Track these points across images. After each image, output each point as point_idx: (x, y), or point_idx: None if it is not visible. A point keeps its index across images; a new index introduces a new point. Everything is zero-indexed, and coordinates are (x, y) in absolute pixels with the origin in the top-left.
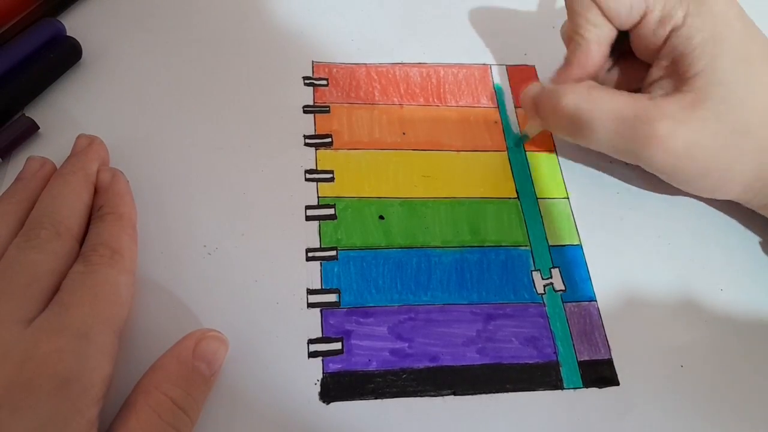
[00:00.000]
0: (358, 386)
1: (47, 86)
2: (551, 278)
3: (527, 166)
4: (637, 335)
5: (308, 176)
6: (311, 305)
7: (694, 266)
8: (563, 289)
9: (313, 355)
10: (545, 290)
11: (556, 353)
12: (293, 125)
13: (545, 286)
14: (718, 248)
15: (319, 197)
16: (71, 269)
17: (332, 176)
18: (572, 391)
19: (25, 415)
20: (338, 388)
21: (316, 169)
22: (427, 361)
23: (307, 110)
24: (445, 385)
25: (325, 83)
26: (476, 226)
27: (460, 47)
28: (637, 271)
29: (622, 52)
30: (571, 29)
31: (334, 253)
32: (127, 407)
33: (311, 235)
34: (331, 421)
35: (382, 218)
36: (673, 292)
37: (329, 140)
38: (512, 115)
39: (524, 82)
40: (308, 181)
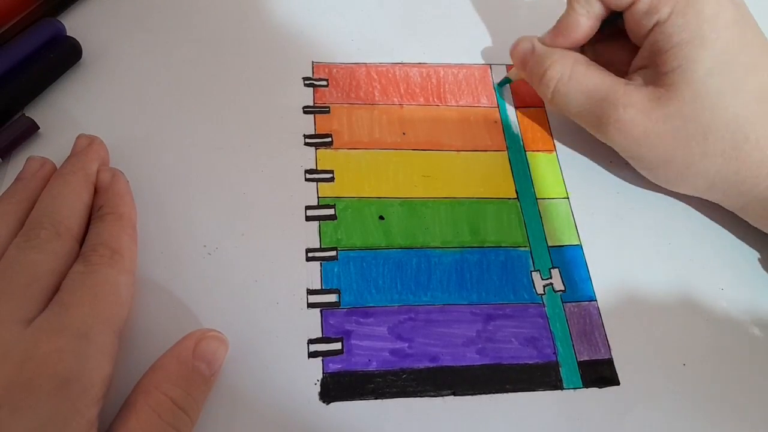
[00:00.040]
0: (358, 386)
1: (47, 86)
2: (551, 278)
3: (527, 166)
4: (637, 335)
5: (308, 176)
6: (311, 305)
7: (694, 266)
8: (563, 289)
9: (313, 355)
10: (545, 290)
11: (555, 353)
12: (293, 125)
13: (545, 286)
14: (718, 248)
15: (319, 197)
16: (71, 269)
17: (332, 176)
18: (572, 391)
19: (25, 415)
20: (338, 388)
21: (316, 169)
22: (427, 361)
23: (307, 110)
24: (445, 385)
25: (325, 84)
26: (476, 226)
27: (460, 47)
28: (637, 271)
29: (619, 30)
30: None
31: (334, 253)
32: (127, 407)
33: (311, 235)
34: (331, 421)
35: (382, 218)
36: (673, 292)
37: (329, 140)
38: (512, 114)
39: (524, 82)
40: (308, 181)
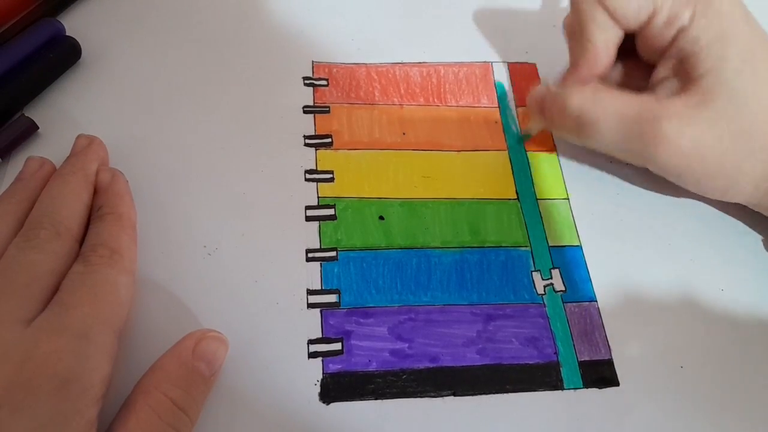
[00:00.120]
0: (358, 387)
1: (47, 86)
2: (551, 279)
3: (527, 166)
4: (637, 335)
5: (308, 176)
6: (311, 306)
7: (694, 266)
8: (563, 289)
9: (313, 355)
10: (545, 291)
11: (556, 354)
12: (293, 125)
13: (545, 286)
14: (718, 248)
15: (319, 197)
16: (71, 269)
17: (332, 176)
18: (572, 391)
19: (24, 415)
20: (338, 388)
21: (316, 169)
22: (427, 361)
23: (307, 110)
24: (445, 385)
25: (325, 83)
26: (476, 226)
27: (460, 45)
28: (637, 271)
29: (626, 51)
30: (577, 32)
31: (334, 253)
32: (126, 407)
33: (311, 235)
34: (331, 421)
35: (382, 219)
36: (673, 292)
37: (329, 140)
38: (514, 112)
39: (526, 79)
40: (308, 181)
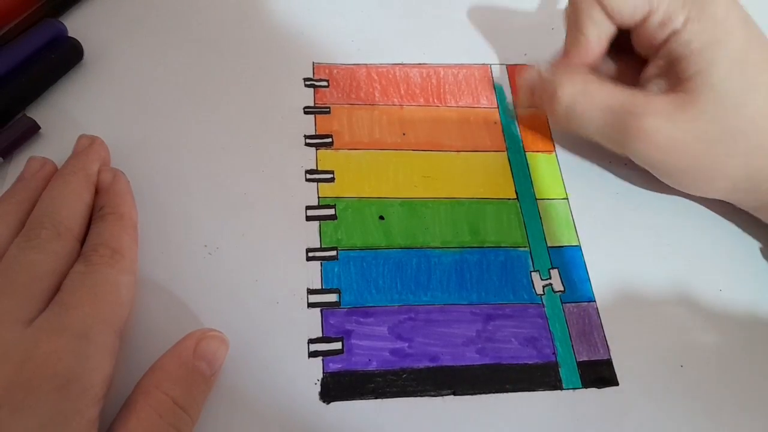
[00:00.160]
0: (358, 386)
1: (48, 87)
2: (550, 279)
3: (527, 166)
4: (636, 335)
5: (309, 176)
6: (311, 305)
7: (693, 267)
8: (562, 289)
9: (313, 354)
10: (544, 291)
11: (555, 354)
12: (294, 125)
13: (544, 286)
14: (718, 248)
15: (319, 197)
16: (72, 269)
17: (333, 176)
18: (571, 391)
19: (25, 415)
20: (338, 387)
21: (316, 169)
22: (427, 361)
23: (307, 111)
24: (444, 385)
25: (325, 84)
26: (476, 226)
27: (460, 47)
28: (636, 271)
29: (623, 45)
30: (572, 23)
31: (334, 253)
32: (127, 407)
33: (311, 235)
34: (331, 421)
35: (382, 218)
36: (672, 292)
37: (330, 140)
38: (513, 114)
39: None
40: (309, 181)
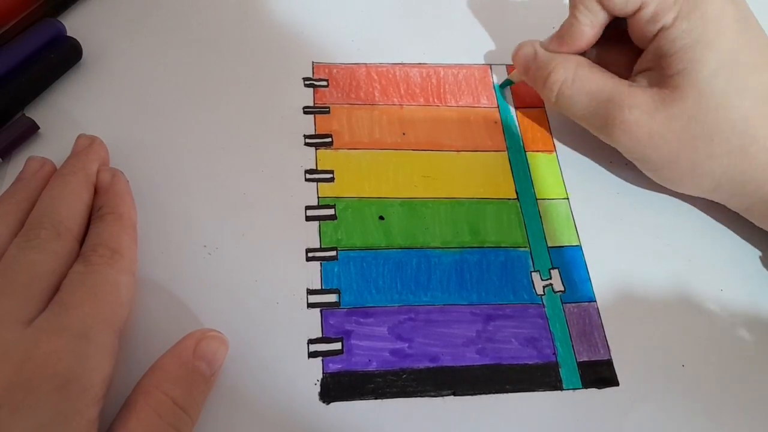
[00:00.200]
0: (358, 386)
1: (48, 86)
2: (550, 279)
3: (527, 166)
4: (636, 336)
5: (308, 176)
6: (311, 305)
7: (693, 267)
8: (563, 289)
9: (313, 355)
10: (545, 291)
11: (555, 354)
12: (293, 125)
13: (545, 287)
14: (718, 248)
15: (319, 197)
16: (71, 269)
17: (332, 176)
18: (571, 391)
19: (24, 415)
20: (338, 388)
21: (316, 169)
22: (427, 361)
23: (307, 111)
24: (445, 385)
25: (325, 84)
26: (476, 226)
27: (460, 47)
28: (636, 271)
29: (622, 33)
30: (570, 8)
31: (334, 253)
32: (127, 407)
33: (311, 235)
34: (331, 421)
35: (382, 218)
36: (672, 292)
37: (329, 140)
38: (512, 115)
39: (524, 82)
40: (308, 181)
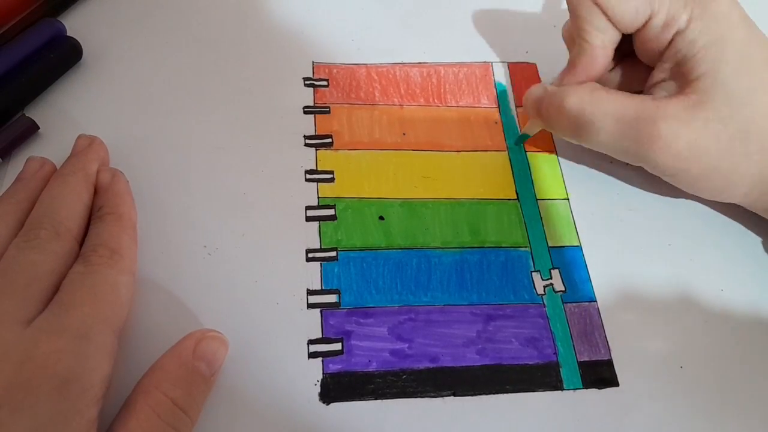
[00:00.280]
0: (358, 387)
1: (47, 86)
2: (551, 279)
3: (527, 166)
4: (637, 336)
5: (308, 176)
6: (311, 306)
7: (694, 266)
8: (563, 289)
9: (313, 355)
10: (545, 291)
11: (556, 354)
12: (293, 125)
13: (545, 287)
14: (718, 248)
15: (319, 198)
16: (71, 269)
17: (332, 177)
18: (572, 391)
19: (24, 415)
20: (338, 388)
21: (316, 169)
22: (427, 361)
23: (307, 111)
24: (445, 385)
25: (325, 84)
26: (476, 227)
27: (460, 46)
28: (637, 271)
29: (624, 53)
30: (575, 33)
31: (334, 253)
32: (127, 407)
33: (311, 235)
34: (331, 421)
35: (382, 219)
36: (672, 292)
37: (329, 140)
38: (513, 115)
39: (526, 79)
40: (308, 181)
